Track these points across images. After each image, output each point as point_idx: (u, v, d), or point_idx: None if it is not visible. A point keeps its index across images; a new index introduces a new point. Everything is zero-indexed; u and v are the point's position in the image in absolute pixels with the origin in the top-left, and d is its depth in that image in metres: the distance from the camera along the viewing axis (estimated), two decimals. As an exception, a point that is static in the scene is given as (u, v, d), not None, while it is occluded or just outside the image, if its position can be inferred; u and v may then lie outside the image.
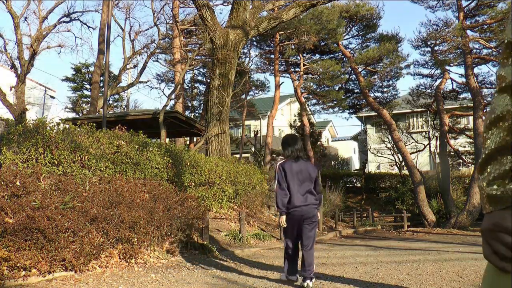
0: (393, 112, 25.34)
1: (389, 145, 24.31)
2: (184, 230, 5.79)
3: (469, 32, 17.80)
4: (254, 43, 25.75)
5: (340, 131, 47.42)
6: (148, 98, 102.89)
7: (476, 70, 20.69)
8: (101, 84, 18.94)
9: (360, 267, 5.66)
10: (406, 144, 22.05)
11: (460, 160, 22.65)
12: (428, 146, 23.46)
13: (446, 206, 17.03)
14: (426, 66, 21.98)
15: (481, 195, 0.81)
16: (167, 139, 14.68)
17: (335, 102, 27.74)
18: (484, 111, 16.24)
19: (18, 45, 13.97)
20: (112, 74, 24.96)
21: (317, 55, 27.47)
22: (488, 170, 0.78)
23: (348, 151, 42.80)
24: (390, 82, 26.30)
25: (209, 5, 11.58)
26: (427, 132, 25.11)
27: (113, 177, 5.95)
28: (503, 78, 0.80)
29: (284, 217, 4.37)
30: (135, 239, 4.95)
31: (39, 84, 25.46)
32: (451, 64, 19.96)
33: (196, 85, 29.74)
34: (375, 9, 24.44)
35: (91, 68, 25.69)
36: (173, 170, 7.73)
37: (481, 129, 14.73)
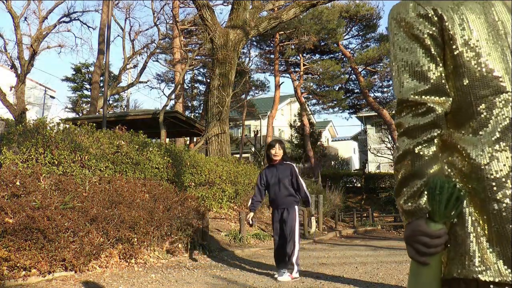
0: (393, 112, 25.31)
1: (389, 145, 24.32)
2: (184, 230, 5.79)
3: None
4: (254, 43, 25.77)
5: (340, 131, 47.46)
6: (148, 98, 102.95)
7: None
8: (101, 84, 18.95)
9: (360, 267, 5.66)
10: (406, 144, 22.02)
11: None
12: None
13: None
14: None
15: (400, 211, 1.06)
16: (167, 139, 14.68)
17: (335, 102, 27.77)
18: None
19: (18, 45, 13.97)
20: (112, 74, 24.96)
21: (317, 55, 27.50)
22: (403, 192, 1.04)
23: (348, 151, 42.81)
24: (390, 82, 26.29)
25: (209, 5, 11.58)
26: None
27: (113, 177, 5.94)
28: (402, 125, 1.07)
29: None
30: (135, 239, 4.95)
31: (39, 84, 25.47)
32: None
33: (196, 85, 29.77)
34: (375, 9, 24.47)
35: (91, 68, 25.69)
36: (173, 170, 7.73)
37: None
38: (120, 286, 4.01)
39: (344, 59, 25.92)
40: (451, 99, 1.06)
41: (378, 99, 25.56)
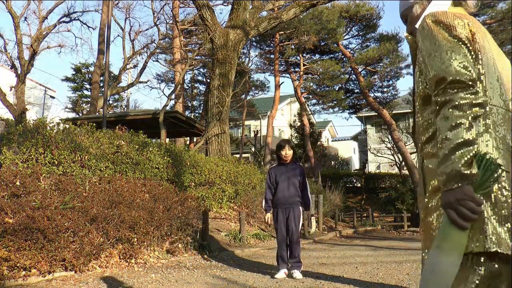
0: (393, 112, 25.32)
1: (389, 145, 24.31)
2: (184, 230, 5.78)
3: (469, 32, 17.79)
4: (254, 43, 25.75)
5: (340, 131, 47.44)
6: (148, 98, 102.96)
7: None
8: (101, 84, 18.94)
9: (360, 267, 5.66)
10: (406, 144, 22.06)
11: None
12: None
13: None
14: (426, 66, 21.97)
15: (448, 174, 1.12)
16: (167, 139, 14.68)
17: (335, 102, 27.74)
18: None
19: (18, 45, 13.96)
20: (112, 74, 24.96)
21: (317, 55, 27.47)
22: (456, 155, 1.12)
23: (348, 151, 42.80)
24: (390, 82, 26.34)
25: (209, 5, 11.57)
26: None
27: (113, 177, 5.94)
28: (451, 101, 1.18)
29: None
30: (135, 239, 4.95)
31: (39, 84, 25.46)
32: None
33: (196, 85, 29.76)
34: (375, 9, 24.45)
35: (91, 68, 25.68)
36: (173, 170, 7.73)
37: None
38: (120, 286, 4.01)
39: (344, 59, 25.90)
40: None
41: (378, 99, 25.55)
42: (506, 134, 1.25)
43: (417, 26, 1.40)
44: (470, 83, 1.17)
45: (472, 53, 1.25)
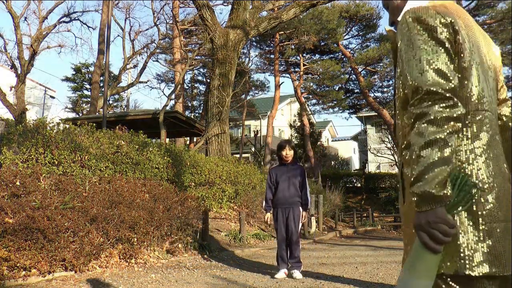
0: (393, 112, 25.29)
1: (389, 145, 24.31)
2: (184, 230, 5.78)
3: (469, 32, 17.81)
4: (254, 43, 25.76)
5: (340, 131, 47.45)
6: (148, 98, 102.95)
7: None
8: (101, 84, 18.94)
9: (360, 267, 5.66)
10: (406, 144, 21.98)
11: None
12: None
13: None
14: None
15: (420, 195, 1.07)
16: (167, 139, 14.68)
17: (335, 102, 27.76)
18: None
19: (18, 45, 13.96)
20: (112, 74, 24.96)
21: (317, 55, 27.48)
22: (429, 176, 1.06)
23: (348, 151, 42.80)
24: (390, 82, 26.29)
25: (209, 5, 11.57)
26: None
27: (113, 177, 5.94)
28: (427, 114, 1.12)
29: None
30: (135, 239, 4.95)
31: (39, 84, 25.46)
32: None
33: (196, 85, 29.76)
34: (375, 9, 24.45)
35: (91, 68, 25.69)
36: (173, 170, 7.72)
37: None
38: (120, 286, 4.01)
39: (344, 59, 25.91)
40: None
41: (378, 99, 25.55)
42: (494, 135, 1.21)
43: (399, 19, 1.32)
44: (448, 94, 1.10)
45: (454, 56, 1.18)
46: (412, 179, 1.10)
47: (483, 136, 1.18)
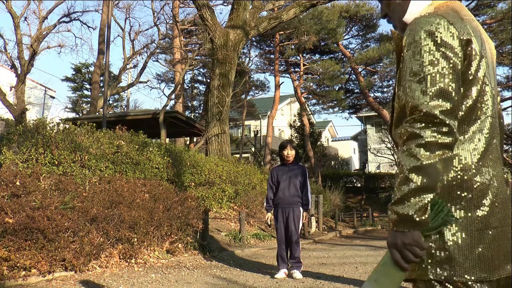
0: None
1: (389, 145, 24.29)
2: (184, 230, 5.78)
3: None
4: (254, 43, 25.75)
5: (340, 131, 47.43)
6: (148, 98, 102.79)
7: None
8: (101, 84, 18.94)
9: (360, 267, 5.66)
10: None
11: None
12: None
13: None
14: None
15: (399, 217, 1.10)
16: (167, 139, 14.68)
17: (335, 102, 27.76)
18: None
19: (18, 45, 13.95)
20: (112, 74, 24.97)
21: (317, 55, 27.47)
22: (413, 201, 1.08)
23: (348, 151, 42.78)
24: (390, 82, 26.30)
25: (209, 5, 11.58)
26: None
27: (113, 177, 5.94)
28: (420, 137, 1.12)
29: None
30: (135, 239, 4.95)
31: (39, 84, 25.46)
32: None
33: (196, 85, 29.77)
34: (375, 9, 24.44)
35: (91, 68, 25.68)
36: (173, 170, 7.73)
37: None
38: (120, 286, 4.02)
39: (344, 59, 25.91)
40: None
41: (378, 99, 25.56)
42: (493, 139, 1.20)
43: (404, 19, 1.29)
44: (445, 119, 1.09)
45: (463, 67, 1.16)
46: (396, 197, 1.11)
47: (481, 142, 1.18)
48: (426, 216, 1.10)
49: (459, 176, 1.14)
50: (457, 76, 1.14)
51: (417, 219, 1.08)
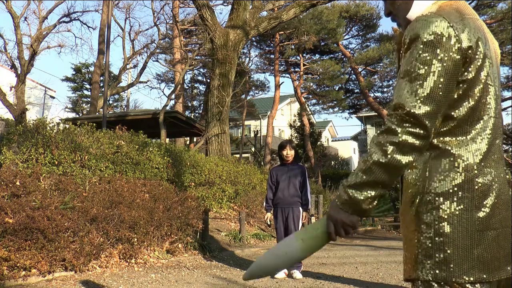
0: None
1: (389, 145, 24.26)
2: (184, 230, 5.78)
3: (469, 32, 17.82)
4: (254, 43, 25.73)
5: (340, 131, 47.42)
6: (148, 98, 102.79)
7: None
8: (101, 84, 18.93)
9: (360, 267, 5.66)
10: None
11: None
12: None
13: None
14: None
15: (349, 199, 1.16)
16: (167, 139, 14.68)
17: (335, 102, 27.75)
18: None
19: (18, 45, 13.95)
20: (112, 74, 24.96)
21: (317, 55, 27.45)
22: (367, 191, 1.15)
23: (348, 151, 42.77)
24: (390, 82, 26.29)
25: (209, 5, 11.57)
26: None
27: (113, 177, 5.94)
28: (396, 133, 1.15)
29: None
30: (135, 239, 4.95)
31: (39, 84, 25.45)
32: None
33: (196, 85, 29.75)
34: (375, 9, 24.44)
35: (91, 68, 25.67)
36: (173, 170, 7.73)
37: None
38: (120, 286, 4.02)
39: (344, 59, 25.90)
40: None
41: (378, 99, 25.55)
42: (495, 140, 1.20)
43: (408, 16, 1.28)
44: (427, 123, 1.10)
45: (463, 70, 1.14)
46: (353, 181, 1.16)
47: (484, 143, 1.17)
48: (371, 206, 1.16)
49: (460, 177, 1.14)
50: (449, 78, 1.13)
51: (364, 207, 1.15)
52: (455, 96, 1.16)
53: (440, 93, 1.12)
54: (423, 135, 1.11)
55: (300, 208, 5.06)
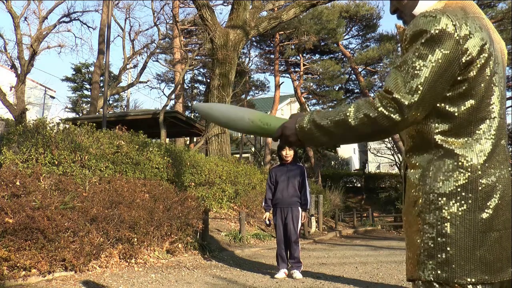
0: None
1: (389, 145, 24.29)
2: (184, 230, 5.78)
3: (469, 32, 17.84)
4: (254, 43, 25.73)
5: (340, 131, 47.29)
6: (148, 98, 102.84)
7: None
8: (101, 84, 18.93)
9: (360, 267, 5.66)
10: (406, 144, 21.97)
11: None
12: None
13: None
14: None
15: (309, 127, 1.24)
16: (167, 139, 14.68)
17: (335, 102, 27.72)
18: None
19: (18, 45, 13.95)
20: (112, 74, 24.95)
21: (317, 55, 27.46)
22: (323, 130, 1.22)
23: (348, 151, 42.76)
24: (390, 82, 26.25)
25: (209, 5, 11.57)
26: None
27: (113, 177, 5.94)
28: (370, 114, 1.18)
29: None
30: (135, 239, 4.95)
31: (39, 84, 25.45)
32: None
33: (196, 85, 29.75)
34: (375, 9, 24.47)
35: (91, 68, 25.67)
36: (173, 170, 7.73)
37: None
38: (120, 286, 4.02)
39: (344, 59, 25.91)
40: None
41: (378, 99, 25.50)
42: (500, 140, 1.19)
43: (414, 12, 1.29)
44: (408, 113, 1.11)
45: (464, 71, 1.14)
46: (322, 121, 1.21)
47: (488, 143, 1.16)
48: (310, 132, 1.25)
49: (464, 177, 1.13)
50: (442, 75, 1.13)
51: (308, 142, 1.27)
52: (455, 95, 1.16)
53: (430, 89, 1.12)
54: (395, 122, 1.13)
55: (299, 208, 5.07)
